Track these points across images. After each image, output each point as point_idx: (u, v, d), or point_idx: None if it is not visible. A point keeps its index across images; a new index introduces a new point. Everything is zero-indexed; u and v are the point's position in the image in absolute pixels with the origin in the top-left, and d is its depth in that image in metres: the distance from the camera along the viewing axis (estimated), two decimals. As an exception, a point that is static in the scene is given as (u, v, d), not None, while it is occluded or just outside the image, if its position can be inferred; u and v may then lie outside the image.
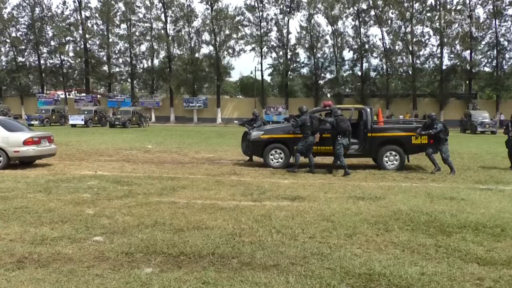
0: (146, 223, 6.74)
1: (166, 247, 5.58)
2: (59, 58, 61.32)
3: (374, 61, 56.70)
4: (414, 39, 52.31)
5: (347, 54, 61.64)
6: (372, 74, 56.40)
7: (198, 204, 8.16)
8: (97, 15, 58.76)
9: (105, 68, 61.04)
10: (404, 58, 53.93)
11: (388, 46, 54.10)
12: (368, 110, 13.57)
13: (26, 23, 60.51)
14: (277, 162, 13.50)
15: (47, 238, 5.93)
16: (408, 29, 52.60)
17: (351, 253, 5.45)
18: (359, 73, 56.23)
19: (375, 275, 4.75)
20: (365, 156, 13.94)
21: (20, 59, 61.39)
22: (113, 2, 57.73)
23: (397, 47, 53.81)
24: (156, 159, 15.86)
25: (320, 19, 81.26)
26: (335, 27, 55.19)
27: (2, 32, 60.17)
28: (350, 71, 57.65)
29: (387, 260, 5.21)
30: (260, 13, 56.89)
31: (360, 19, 54.65)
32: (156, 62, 60.30)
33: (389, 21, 53.82)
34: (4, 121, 13.85)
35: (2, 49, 61.31)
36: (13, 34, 60.36)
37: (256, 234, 6.24)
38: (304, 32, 56.30)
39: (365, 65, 55.95)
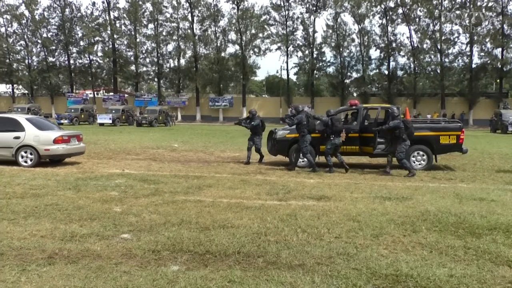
0: (172, 221, 6.81)
1: (192, 245, 5.63)
2: (88, 58, 62.53)
3: (402, 60, 56.09)
4: (443, 37, 51.36)
5: (374, 53, 61.03)
6: (399, 73, 55.62)
7: (223, 203, 8.20)
8: (125, 15, 59.63)
9: (133, 67, 61.88)
10: (432, 56, 53.02)
11: (416, 45, 53.32)
12: (395, 109, 13.40)
13: (56, 24, 61.92)
14: (303, 161, 13.45)
15: (76, 235, 6.04)
16: (437, 27, 51.71)
17: (378, 254, 5.40)
18: (386, 72, 55.58)
19: (402, 276, 4.70)
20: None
21: (50, 59, 62.81)
22: (140, 3, 58.48)
23: (425, 46, 52.96)
24: (182, 158, 15.99)
25: (346, 17, 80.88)
26: (361, 25, 54.74)
27: (34, 33, 61.76)
28: (377, 70, 56.99)
29: (414, 261, 5.14)
30: (286, 12, 56.80)
31: (388, 17, 53.99)
32: (182, 61, 60.84)
33: (417, 19, 52.99)
34: (35, 120, 14.18)
35: (34, 49, 62.94)
36: (44, 35, 61.82)
37: (281, 233, 6.24)
38: (330, 31, 55.98)
39: (392, 64, 55.31)
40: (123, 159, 15.30)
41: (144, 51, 61.13)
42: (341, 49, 55.56)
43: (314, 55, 56.96)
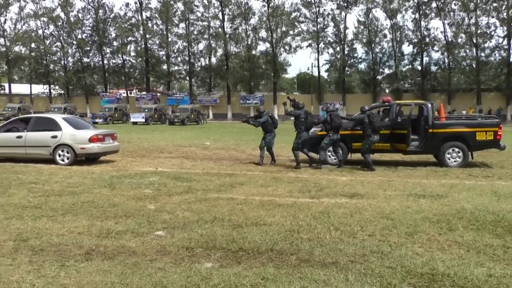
0: (205, 218, 6.86)
1: (225, 243, 5.66)
2: (121, 58, 63.70)
3: (435, 55, 55.11)
4: (479, 31, 50.06)
5: (407, 48, 60.12)
6: (433, 68, 54.55)
7: (256, 201, 8.22)
8: (157, 15, 60.49)
9: (165, 67, 62.66)
10: (468, 51, 51.69)
11: (450, 39, 52.17)
12: (429, 105, 13.17)
13: (90, 25, 63.30)
14: (335, 159, 13.36)
15: (112, 231, 6.16)
16: (472, 21, 50.42)
17: (413, 252, 5.32)
18: (419, 68, 54.65)
19: (438, 275, 4.61)
20: (425, 153, 13.55)
21: (85, 59, 64.34)
22: (172, 2, 59.19)
23: (460, 40, 51.77)
24: (214, 156, 16.10)
25: (378, 13, 79.49)
26: (394, 20, 53.95)
27: (69, 35, 63.36)
28: (410, 66, 56.06)
29: (450, 260, 5.04)
30: (317, 9, 56.46)
31: (421, 12, 53.03)
32: (213, 60, 61.33)
33: (452, 13, 51.81)
34: (71, 119, 14.52)
35: (69, 50, 64.52)
36: (79, 36, 63.33)
37: (314, 231, 6.22)
38: (362, 27, 55.44)
39: (425, 59, 54.39)
40: (156, 157, 15.51)
41: (175, 50, 61.86)
42: (372, 45, 54.90)
43: (346, 52, 56.47)
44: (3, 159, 13.71)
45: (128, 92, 65.47)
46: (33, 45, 63.80)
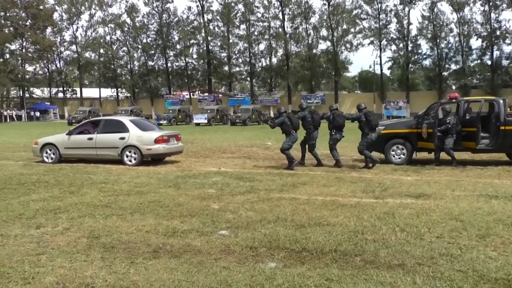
0: (268, 218, 6.89)
1: (288, 243, 5.66)
2: (184, 61, 65.30)
3: (507, 48, 52.17)
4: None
5: (475, 43, 57.70)
6: (505, 62, 51.83)
7: (318, 201, 8.16)
8: (218, 17, 61.50)
9: (226, 68, 63.65)
10: (543, 42, 48.80)
11: (523, 31, 49.40)
12: (501, 101, 12.54)
13: (155, 29, 65.31)
14: (399, 158, 13.03)
15: (177, 230, 6.32)
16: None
17: (485, 256, 5.09)
18: (489, 62, 52.14)
19: (514, 280, 4.38)
20: (497, 151, 12.92)
21: (150, 63, 66.53)
22: (233, 4, 59.87)
23: (534, 31, 48.91)
24: (276, 155, 16.12)
25: (444, 6, 76.80)
26: (461, 14, 51.84)
27: (134, 39, 65.84)
28: (478, 61, 53.65)
29: (527, 265, 4.77)
30: (379, 5, 55.32)
31: (490, 3, 50.55)
32: (274, 60, 61.50)
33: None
34: (138, 121, 15.02)
35: (135, 54, 67.00)
36: (144, 40, 65.49)
37: (379, 232, 6.09)
38: (426, 22, 53.66)
39: (496, 53, 51.77)
40: (219, 157, 15.74)
41: (236, 52, 62.64)
42: (438, 40, 53.03)
43: (409, 48, 54.88)
44: (75, 160, 14.40)
45: (191, 93, 66.92)
46: (101, 50, 67.03)
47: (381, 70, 58.33)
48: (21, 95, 68.96)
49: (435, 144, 12.48)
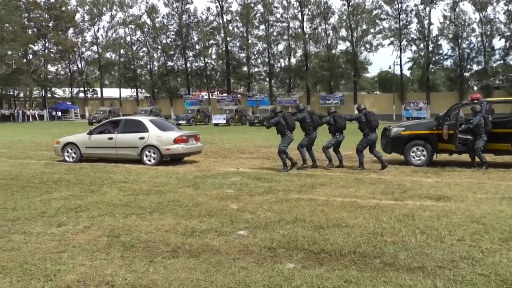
0: (286, 219, 6.88)
1: (307, 244, 5.65)
2: (203, 61, 65.48)
3: (531, 49, 51.08)
4: None
5: (498, 43, 56.64)
6: (529, 62, 50.85)
7: (337, 202, 8.13)
8: (237, 18, 61.56)
9: (245, 68, 63.71)
10: None
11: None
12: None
13: (174, 30, 65.68)
14: (419, 159, 12.90)
15: (196, 230, 6.35)
16: None
17: (508, 259, 5.00)
18: (512, 63, 51.18)
19: (537, 285, 4.30)
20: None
21: (169, 63, 66.94)
22: (252, 5, 59.91)
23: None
24: (294, 156, 16.03)
25: (466, 6, 75.82)
26: (483, 13, 50.92)
27: (154, 40, 66.38)
28: (501, 61, 52.59)
29: (552, 270, 4.68)
30: (399, 5, 54.69)
31: (515, 3, 49.63)
32: (293, 60, 61.34)
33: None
34: (157, 121, 15.14)
35: (155, 55, 67.57)
36: (164, 41, 65.96)
37: (398, 234, 6.04)
38: (448, 22, 52.84)
39: (519, 53, 50.71)
40: (238, 157, 15.78)
41: (255, 52, 62.62)
42: (459, 41, 52.20)
43: (430, 48, 54.16)
44: (96, 159, 14.58)
45: (210, 94, 67.16)
46: (122, 51, 67.69)
47: (401, 70, 57.77)
48: (44, 95, 70.22)
49: (455, 145, 12.31)
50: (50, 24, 67.49)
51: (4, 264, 5.07)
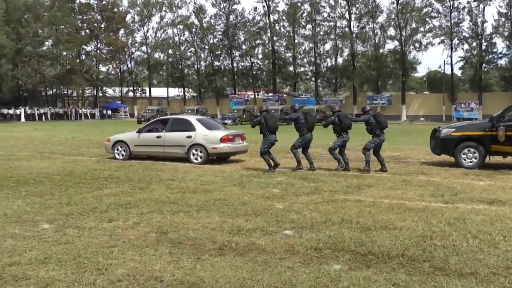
0: (333, 220, 6.83)
1: (353, 245, 5.59)
2: (249, 61, 65.83)
3: None
4: None
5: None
6: None
7: (384, 204, 8.00)
8: (284, 17, 61.53)
9: (291, 68, 63.62)
10: None
11: None
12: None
13: (221, 30, 66.34)
14: (470, 161, 12.49)
15: (242, 229, 6.40)
16: None
17: None
18: None
19: None
20: None
21: (216, 63, 67.70)
22: (299, 4, 59.71)
23: None
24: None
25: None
26: (541, 10, 48.76)
27: (202, 40, 67.35)
28: (562, 60, 50.23)
29: None
30: (451, 3, 53.08)
31: None
32: (339, 60, 60.77)
33: None
34: (204, 120, 15.35)
35: (202, 55, 68.49)
36: (211, 41, 66.79)
37: (449, 238, 5.88)
38: (503, 19, 50.83)
39: None
40: (283, 157, 15.72)
41: (302, 52, 62.43)
42: (515, 39, 50.18)
43: (483, 47, 52.30)
44: (144, 157, 14.92)
45: (256, 93, 67.43)
46: (170, 51, 69.05)
47: (452, 70, 56.13)
48: (95, 94, 72.67)
49: None
50: (102, 25, 69.76)
51: (60, 256, 5.28)
